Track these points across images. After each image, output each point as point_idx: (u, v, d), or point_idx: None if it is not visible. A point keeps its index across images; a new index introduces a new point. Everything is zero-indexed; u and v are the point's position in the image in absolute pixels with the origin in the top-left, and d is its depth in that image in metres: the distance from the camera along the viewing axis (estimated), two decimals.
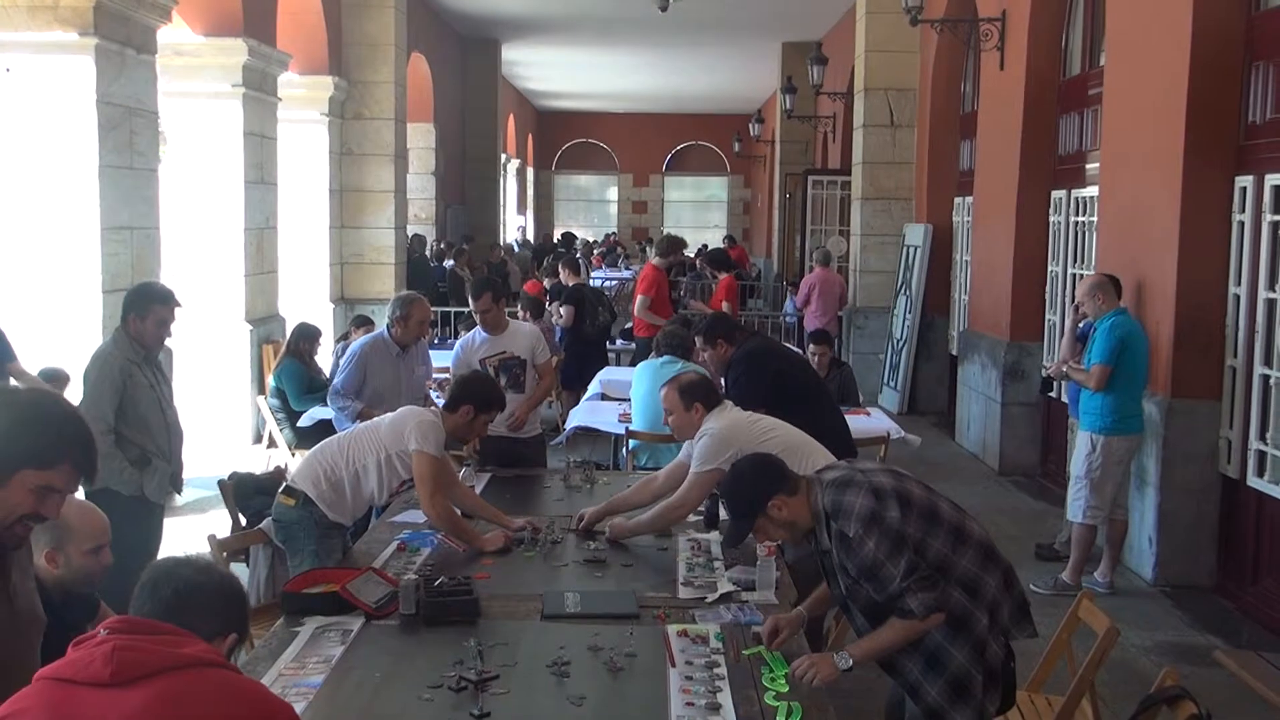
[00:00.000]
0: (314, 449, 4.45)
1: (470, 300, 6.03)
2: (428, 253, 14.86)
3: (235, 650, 2.11)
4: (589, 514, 4.45)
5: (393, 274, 12.31)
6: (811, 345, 8.06)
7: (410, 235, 14.44)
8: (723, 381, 5.43)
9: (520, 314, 9.72)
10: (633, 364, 9.57)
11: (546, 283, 11.23)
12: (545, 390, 6.23)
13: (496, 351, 5.98)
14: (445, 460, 4.35)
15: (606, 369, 9.36)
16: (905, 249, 12.09)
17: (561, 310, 10.10)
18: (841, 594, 3.12)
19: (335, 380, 5.92)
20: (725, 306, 10.19)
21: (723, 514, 4.26)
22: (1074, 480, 6.23)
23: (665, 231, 31.93)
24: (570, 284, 10.47)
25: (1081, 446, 6.21)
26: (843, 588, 3.10)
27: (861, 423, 7.11)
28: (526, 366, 5.99)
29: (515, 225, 23.03)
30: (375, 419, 4.50)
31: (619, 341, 11.32)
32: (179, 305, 4.86)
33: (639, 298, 9.93)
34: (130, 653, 1.85)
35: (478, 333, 6.06)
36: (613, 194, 32.94)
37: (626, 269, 23.82)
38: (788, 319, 15.06)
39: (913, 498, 3.06)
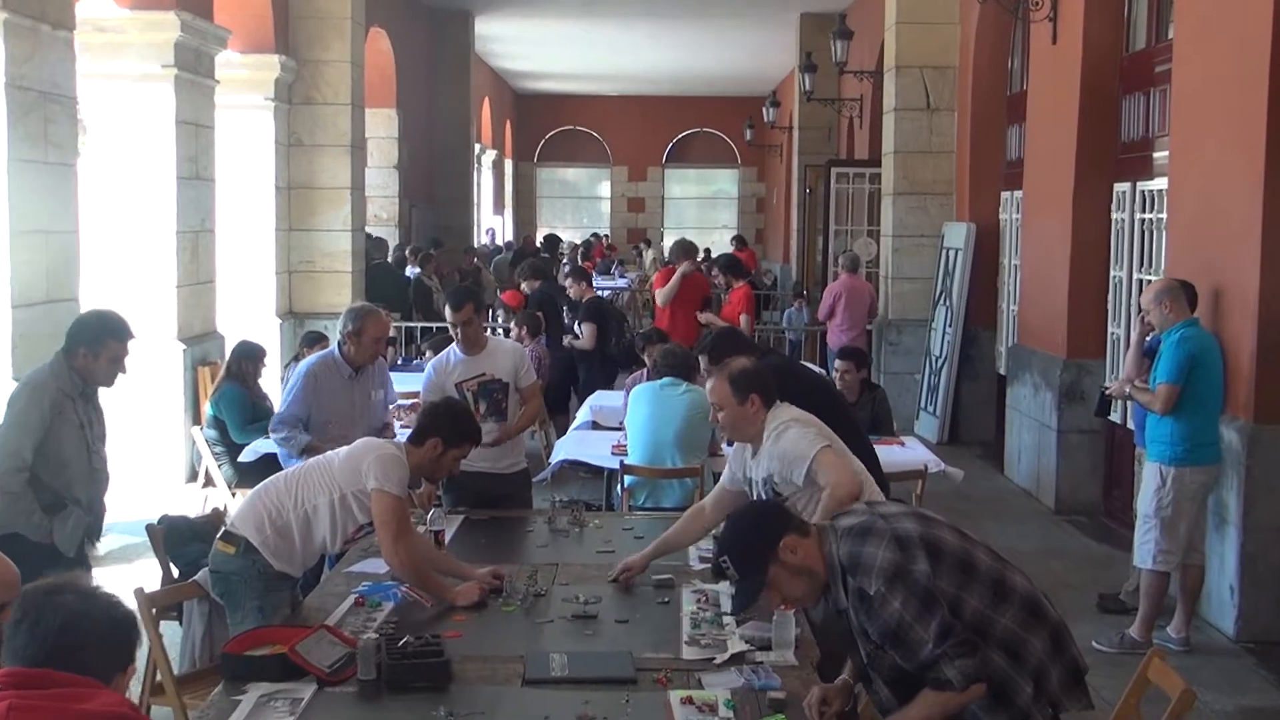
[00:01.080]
0: (257, 488, 4.46)
1: (448, 312, 6.04)
2: (390, 259, 14.88)
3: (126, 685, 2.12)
4: (634, 563, 4.47)
5: (349, 283, 12.34)
6: (838, 362, 8.08)
7: (370, 238, 14.47)
8: None
9: (514, 331, 9.74)
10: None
11: (524, 287, 11.26)
12: (531, 417, 6.25)
13: (475, 373, 6.00)
14: (408, 501, 4.37)
15: (598, 393, 9.37)
16: (944, 252, 12.13)
17: (581, 329, 10.16)
18: (862, 662, 3.09)
19: (278, 408, 5.94)
20: (743, 321, 10.24)
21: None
22: (1142, 520, 6.23)
23: (663, 231, 32.20)
24: (584, 297, 10.50)
25: (1150, 480, 6.21)
26: (863, 654, 3.07)
27: (895, 454, 7.12)
28: (509, 391, 6.01)
29: (485, 229, 23.10)
30: (329, 453, 4.52)
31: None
32: (134, 338, 4.90)
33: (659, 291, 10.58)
34: (27, 715, 1.83)
35: (452, 352, 6.07)
36: (605, 189, 33.07)
37: (621, 277, 23.89)
38: (790, 335, 15.11)
39: (944, 546, 3.04)
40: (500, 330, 10.45)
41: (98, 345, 4.78)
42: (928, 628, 2.91)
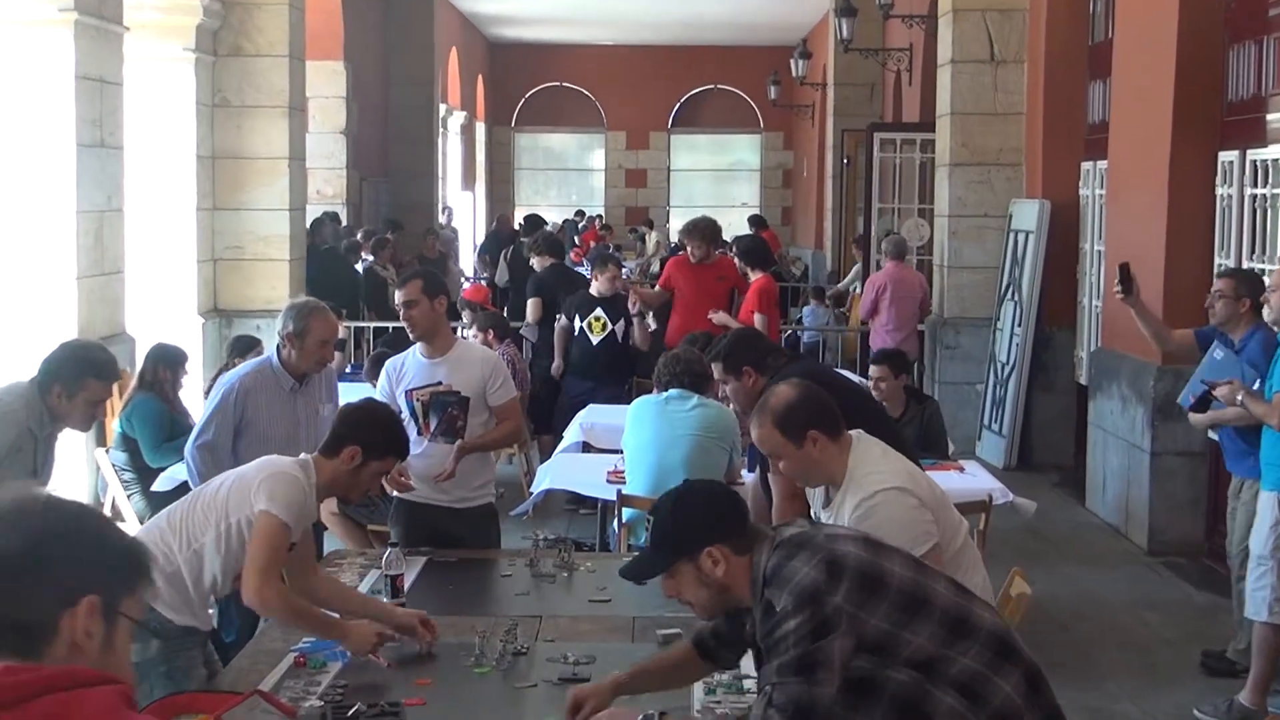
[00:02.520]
0: (142, 528, 4.51)
1: (397, 294, 6.06)
2: (339, 244, 14.92)
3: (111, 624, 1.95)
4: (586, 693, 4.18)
5: (287, 274, 12.35)
6: (871, 369, 8.08)
7: (314, 219, 14.50)
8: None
9: (477, 336, 9.73)
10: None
11: (535, 264, 11.28)
12: (503, 435, 6.24)
13: (430, 381, 5.99)
14: (305, 530, 4.41)
15: (589, 408, 9.39)
16: (1012, 235, 12.15)
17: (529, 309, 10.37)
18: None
19: (196, 427, 5.93)
20: (759, 320, 10.19)
21: None
22: (1254, 563, 6.23)
23: (668, 210, 32.23)
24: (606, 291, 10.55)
25: (1264, 514, 6.20)
26: (756, 670, 3.35)
27: (952, 482, 7.08)
28: (470, 408, 5.98)
29: (443, 207, 23.12)
30: (225, 474, 4.55)
31: None
32: (118, 378, 4.96)
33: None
34: None
35: (413, 355, 6.09)
36: (597, 159, 33.14)
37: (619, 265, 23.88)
38: (806, 337, 15.11)
39: (888, 580, 3.27)
40: (464, 335, 10.42)
41: (75, 384, 4.86)
42: (801, 655, 3.17)
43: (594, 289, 10.17)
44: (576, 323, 10.00)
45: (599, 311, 9.98)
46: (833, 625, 3.17)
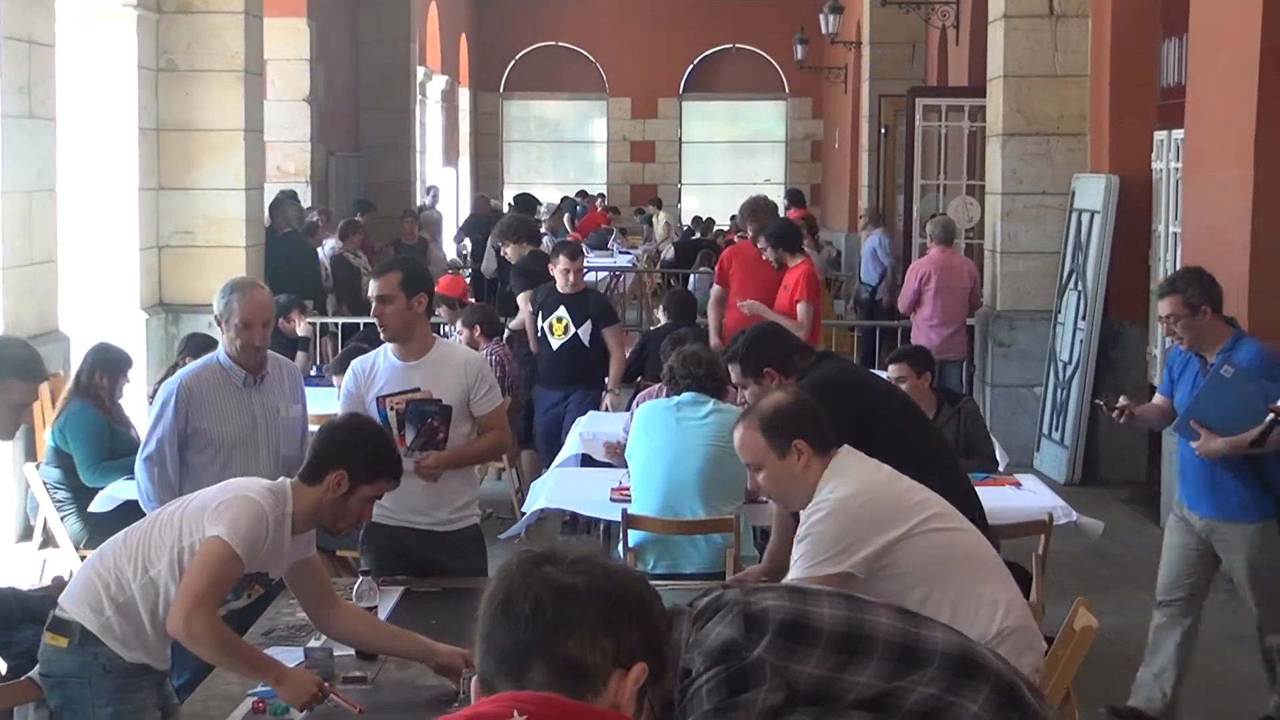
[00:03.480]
0: (94, 553, 4.50)
1: (371, 285, 6.05)
2: (302, 227, 14.93)
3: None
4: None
5: (243, 262, 12.35)
6: (890, 368, 8.05)
7: (273, 199, 14.51)
8: None
9: (461, 334, 9.73)
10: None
11: (509, 253, 11.30)
12: (489, 446, 6.26)
13: (405, 387, 6.00)
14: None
15: (589, 415, 9.39)
16: (1075, 215, 12.14)
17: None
18: None
19: (144, 440, 5.95)
20: (803, 311, 10.14)
21: None
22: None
23: (679, 188, 32.21)
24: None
25: None
26: None
27: (1008, 499, 7.13)
28: (452, 419, 5.99)
29: (427, 187, 23.16)
30: (186, 496, 4.57)
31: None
32: (45, 379, 4.95)
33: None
34: None
35: (385, 355, 6.09)
36: (599, 131, 33.16)
37: (622, 252, 23.92)
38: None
39: (817, 626, 3.41)
40: (445, 332, 10.40)
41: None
42: (715, 709, 3.30)
43: (509, 258, 10.28)
44: (539, 321, 9.92)
45: (561, 311, 9.81)
46: (753, 679, 3.31)
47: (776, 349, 5.48)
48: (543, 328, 9.85)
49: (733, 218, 20.74)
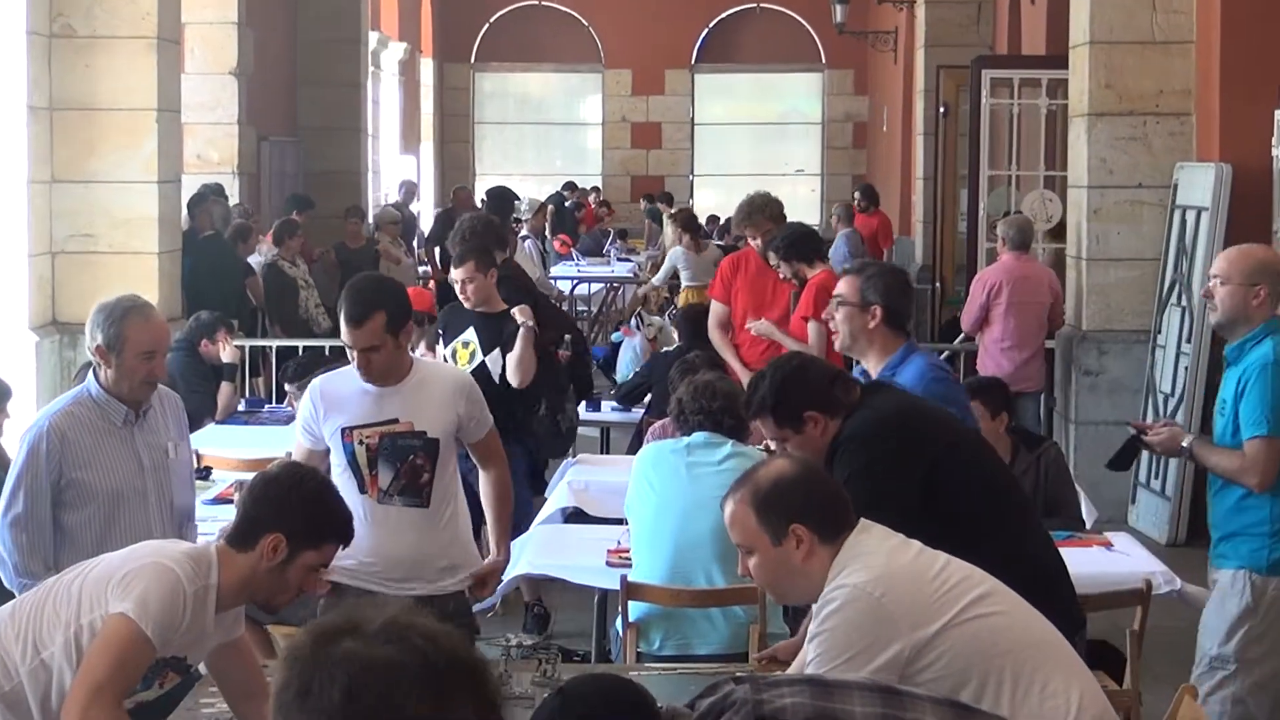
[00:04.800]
0: None
1: (343, 327, 5.96)
2: (226, 227, 14.94)
3: None
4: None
5: (155, 273, 12.35)
6: None
7: (193, 195, 14.52)
8: None
9: (422, 354, 9.68)
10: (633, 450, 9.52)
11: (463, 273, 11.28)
12: (505, 505, 6.41)
13: (380, 417, 6.01)
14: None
15: (578, 460, 9.37)
16: (1179, 214, 12.14)
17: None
18: None
19: (4, 496, 5.86)
20: (813, 332, 10.14)
21: None
22: (1207, 666, 6.47)
23: (691, 179, 32.12)
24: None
25: (1229, 600, 6.38)
26: None
27: (1097, 562, 7.13)
28: (439, 454, 6.02)
29: (400, 182, 23.14)
30: (88, 562, 4.56)
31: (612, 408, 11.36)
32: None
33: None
34: None
35: (353, 375, 6.10)
36: (592, 111, 33.22)
37: (622, 258, 23.92)
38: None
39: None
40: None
41: None
42: None
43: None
44: (440, 349, 9.43)
45: (469, 334, 9.12)
46: None
47: (813, 385, 5.36)
48: (445, 355, 9.22)
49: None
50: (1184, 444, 6.49)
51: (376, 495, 5.92)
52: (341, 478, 6.02)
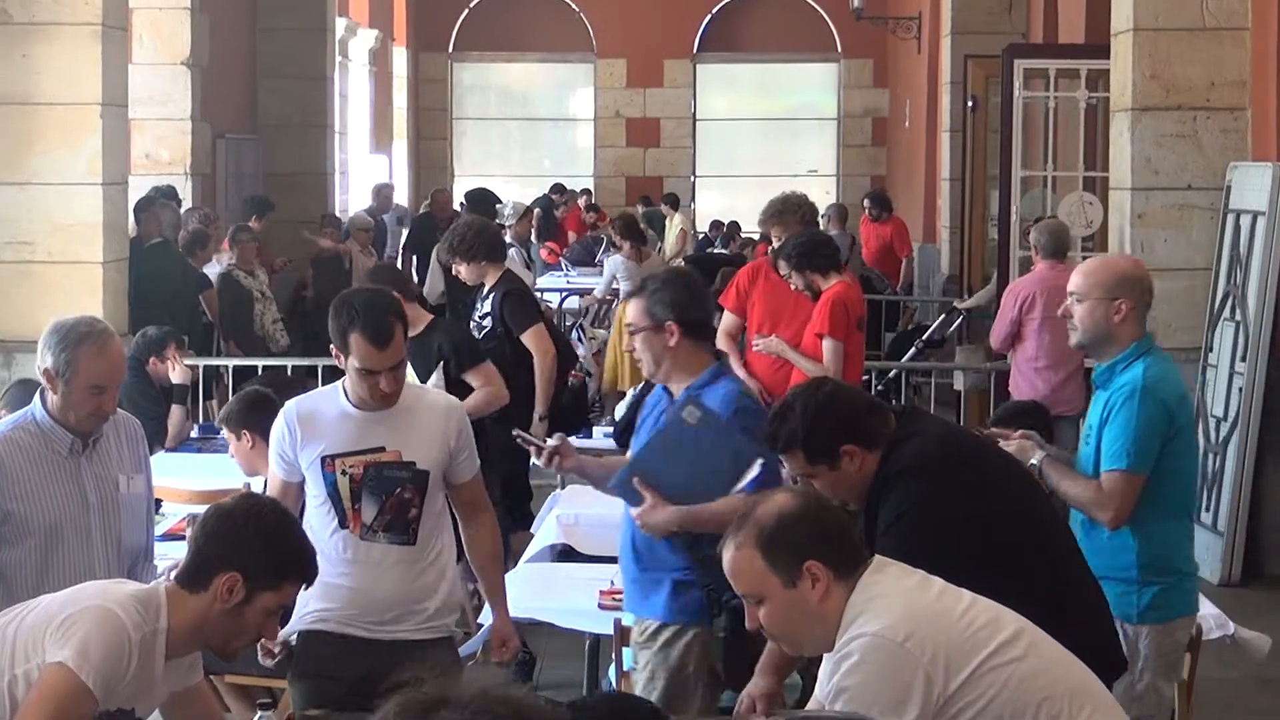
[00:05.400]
0: None
1: (357, 345, 5.90)
2: (176, 234, 14.93)
3: None
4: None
5: (99, 285, 12.35)
6: (993, 433, 8.01)
7: (142, 199, 14.51)
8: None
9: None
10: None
11: (463, 273, 11.31)
12: (495, 540, 6.42)
13: (365, 445, 6.02)
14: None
15: (569, 491, 9.41)
16: (1232, 219, 12.15)
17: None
18: None
19: None
20: (829, 350, 10.14)
21: None
22: None
23: (693, 180, 32.07)
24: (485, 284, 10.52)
25: None
26: None
27: None
28: (429, 488, 6.03)
29: (375, 185, 23.09)
30: (25, 604, 4.58)
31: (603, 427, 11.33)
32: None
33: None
34: None
35: (335, 397, 6.11)
36: (583, 105, 33.23)
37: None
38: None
39: None
40: None
41: None
42: None
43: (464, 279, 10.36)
44: None
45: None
46: None
47: (849, 415, 5.33)
48: None
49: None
50: (1033, 460, 6.47)
51: (359, 531, 5.92)
52: (319, 511, 6.04)
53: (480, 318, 10.49)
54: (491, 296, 10.40)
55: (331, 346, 6.07)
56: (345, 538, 5.95)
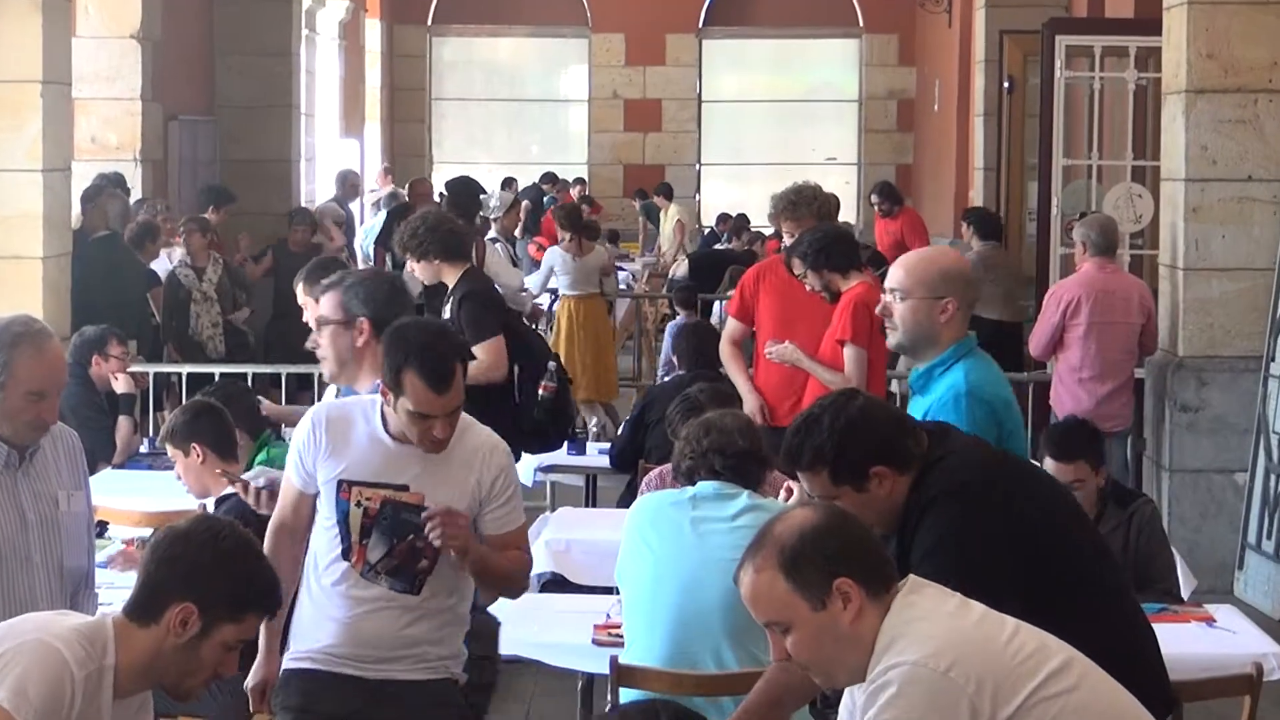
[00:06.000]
0: None
1: (415, 386, 5.83)
2: (125, 226, 14.92)
3: None
4: None
5: (39, 281, 12.36)
6: (1055, 464, 8.09)
7: (88, 187, 14.51)
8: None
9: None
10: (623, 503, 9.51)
11: (419, 272, 11.30)
12: (512, 571, 6.28)
13: (389, 478, 6.00)
14: None
15: (560, 513, 9.40)
16: None
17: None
18: None
19: None
20: (851, 357, 10.13)
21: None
22: None
23: (698, 168, 32.03)
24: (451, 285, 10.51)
25: None
26: None
27: (1193, 640, 7.15)
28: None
29: (338, 172, 23.07)
30: None
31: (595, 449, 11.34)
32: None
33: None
34: None
35: (367, 415, 6.09)
36: (576, 85, 33.26)
37: (616, 265, 23.88)
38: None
39: None
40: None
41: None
42: None
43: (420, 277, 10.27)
44: None
45: None
46: None
47: (883, 433, 5.29)
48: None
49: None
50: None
51: (361, 567, 5.92)
52: (326, 532, 6.04)
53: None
54: (452, 300, 10.31)
55: (378, 382, 6.04)
56: (346, 570, 5.95)
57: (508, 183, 27.70)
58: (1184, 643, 6.89)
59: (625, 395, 17.80)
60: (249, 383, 11.66)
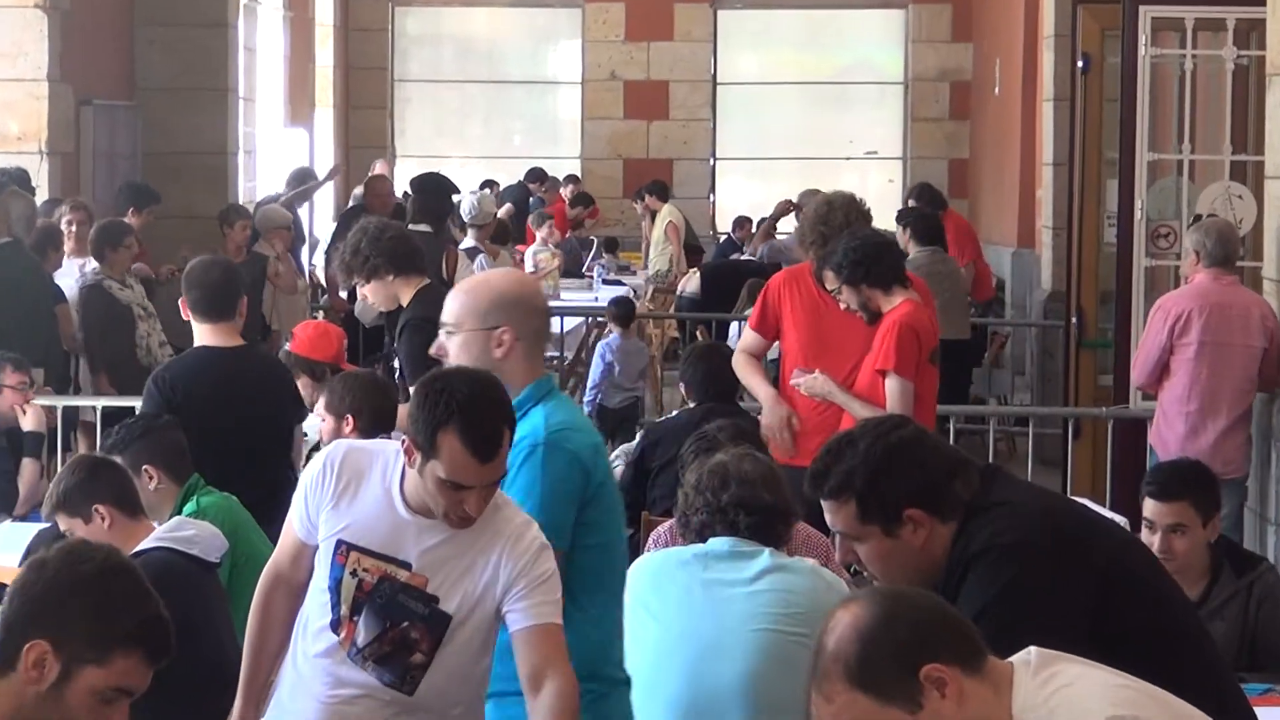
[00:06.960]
0: None
1: (454, 451, 5.82)
2: (28, 231, 14.96)
3: None
4: None
5: None
6: (1150, 507, 8.11)
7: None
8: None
9: (325, 421, 9.71)
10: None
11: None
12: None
13: (393, 551, 6.00)
14: None
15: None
16: None
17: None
18: None
19: None
20: (894, 390, 10.12)
21: None
22: None
23: (712, 163, 32.18)
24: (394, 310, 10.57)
25: None
26: None
27: None
28: (448, 636, 6.02)
29: (294, 176, 23.16)
30: None
31: None
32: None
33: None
34: None
35: (384, 473, 6.09)
36: (566, 63, 33.41)
37: (610, 279, 24.05)
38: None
39: None
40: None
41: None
42: None
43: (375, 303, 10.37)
44: None
45: None
46: None
47: (928, 471, 5.32)
48: None
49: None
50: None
51: (348, 648, 5.95)
52: (318, 596, 6.08)
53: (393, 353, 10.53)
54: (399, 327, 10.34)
55: (404, 439, 5.99)
56: (334, 645, 5.98)
57: (488, 185, 27.94)
58: None
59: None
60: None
